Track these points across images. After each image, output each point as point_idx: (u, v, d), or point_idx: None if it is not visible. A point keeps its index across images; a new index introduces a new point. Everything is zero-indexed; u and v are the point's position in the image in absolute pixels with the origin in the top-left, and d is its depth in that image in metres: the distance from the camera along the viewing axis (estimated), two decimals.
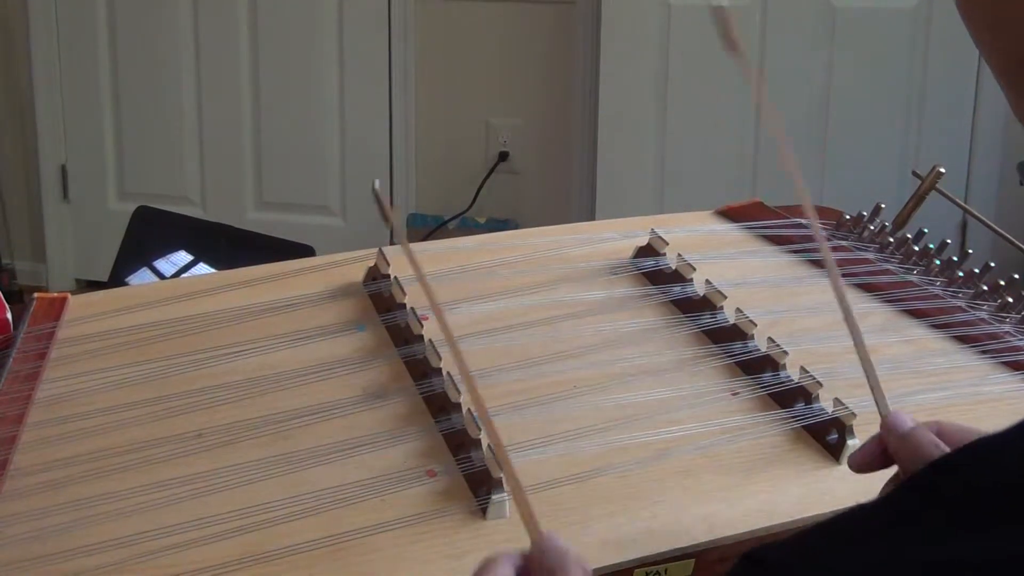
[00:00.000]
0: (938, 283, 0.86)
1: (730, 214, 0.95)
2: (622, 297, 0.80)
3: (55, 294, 0.76)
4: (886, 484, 0.52)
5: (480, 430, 0.61)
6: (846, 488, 0.64)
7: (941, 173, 0.93)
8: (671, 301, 0.80)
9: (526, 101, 2.78)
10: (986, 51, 0.40)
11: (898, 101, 2.44)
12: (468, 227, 2.82)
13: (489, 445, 0.60)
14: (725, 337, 0.75)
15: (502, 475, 0.58)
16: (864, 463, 0.53)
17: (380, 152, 2.83)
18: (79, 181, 2.95)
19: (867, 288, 0.85)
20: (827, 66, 2.45)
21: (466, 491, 0.61)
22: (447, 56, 2.80)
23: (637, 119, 2.55)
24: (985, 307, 0.84)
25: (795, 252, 0.90)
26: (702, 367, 0.73)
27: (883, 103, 2.45)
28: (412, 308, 0.72)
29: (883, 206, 0.93)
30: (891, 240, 0.91)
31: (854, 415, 0.66)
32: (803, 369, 0.70)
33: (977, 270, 0.86)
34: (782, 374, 0.71)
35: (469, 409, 0.63)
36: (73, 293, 0.76)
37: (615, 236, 0.87)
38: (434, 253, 0.84)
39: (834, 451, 0.66)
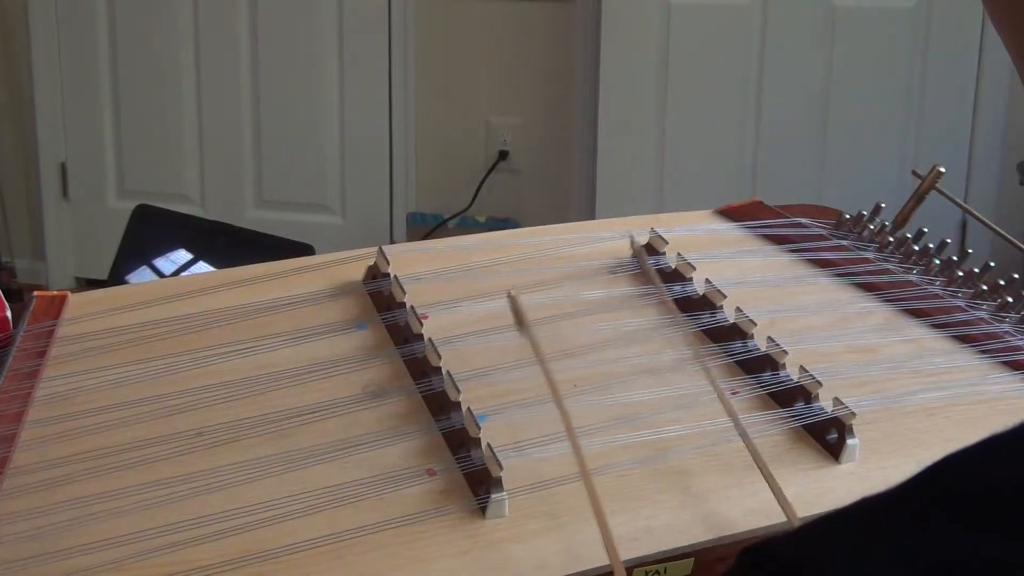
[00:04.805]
0: (938, 283, 0.86)
1: (730, 213, 0.95)
2: (622, 296, 0.80)
3: (55, 292, 0.76)
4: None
5: (479, 429, 0.62)
6: (845, 487, 0.64)
7: (941, 173, 0.93)
8: (671, 300, 0.80)
9: (526, 100, 2.78)
10: (1005, 34, 0.40)
11: (898, 101, 2.44)
12: (468, 226, 2.82)
13: (489, 444, 0.60)
14: (725, 336, 0.75)
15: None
16: None
17: (380, 151, 2.83)
18: (79, 179, 2.95)
19: (867, 288, 0.85)
20: (827, 66, 2.45)
21: (465, 490, 0.61)
22: (447, 55, 2.80)
23: (637, 118, 2.55)
24: (985, 307, 0.84)
25: (795, 252, 0.90)
26: (701, 366, 0.73)
27: (883, 103, 2.45)
28: (412, 307, 0.72)
29: (883, 206, 0.93)
30: (891, 240, 0.91)
31: (854, 414, 0.66)
32: (803, 368, 0.70)
33: (977, 270, 0.86)
34: (782, 373, 0.71)
35: (468, 408, 0.63)
36: (73, 291, 0.76)
37: (615, 235, 0.87)
38: (434, 252, 0.84)
39: (834, 450, 0.66)
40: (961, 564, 0.32)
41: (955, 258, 0.87)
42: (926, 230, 0.90)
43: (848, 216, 0.94)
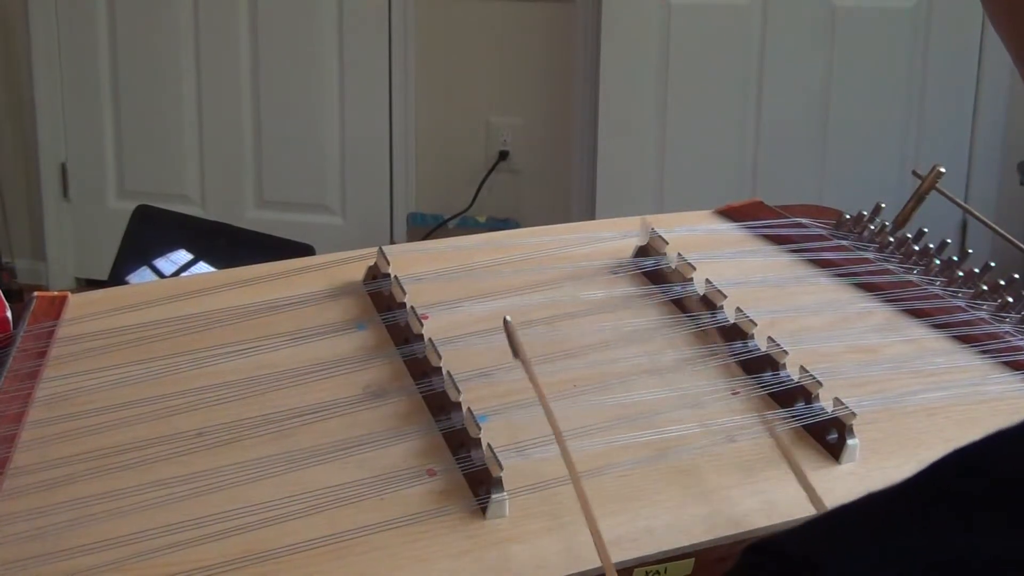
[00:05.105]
0: (938, 283, 0.86)
1: (730, 214, 0.95)
2: (622, 296, 0.80)
3: (55, 292, 0.76)
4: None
5: (479, 429, 0.62)
6: (845, 487, 0.64)
7: (941, 173, 0.93)
8: (671, 300, 0.80)
9: (526, 100, 2.78)
10: (1005, 35, 0.41)
11: (898, 101, 2.44)
12: (468, 226, 2.82)
13: (489, 444, 0.61)
14: (725, 336, 0.75)
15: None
16: None
17: (380, 151, 2.83)
18: (79, 179, 2.95)
19: (867, 288, 0.85)
20: (827, 66, 2.45)
21: (466, 490, 0.61)
22: (447, 56, 2.80)
23: (637, 119, 2.55)
24: (985, 307, 0.84)
25: (795, 252, 0.90)
26: (702, 366, 0.73)
27: (883, 103, 2.45)
28: (412, 307, 0.72)
29: (883, 206, 0.93)
30: (891, 240, 0.91)
31: (854, 415, 0.66)
32: (803, 368, 0.70)
33: (977, 270, 0.86)
34: (782, 373, 0.71)
35: (469, 408, 0.63)
36: (73, 292, 0.76)
37: (615, 236, 0.87)
38: (434, 252, 0.84)
39: (834, 451, 0.66)
40: (961, 563, 0.32)
41: (955, 258, 0.87)
42: (926, 230, 0.90)
43: (848, 216, 0.94)
